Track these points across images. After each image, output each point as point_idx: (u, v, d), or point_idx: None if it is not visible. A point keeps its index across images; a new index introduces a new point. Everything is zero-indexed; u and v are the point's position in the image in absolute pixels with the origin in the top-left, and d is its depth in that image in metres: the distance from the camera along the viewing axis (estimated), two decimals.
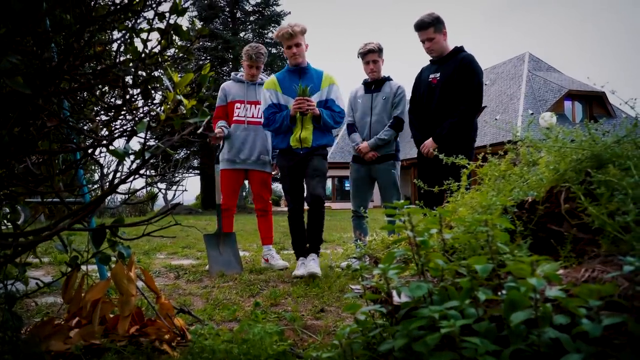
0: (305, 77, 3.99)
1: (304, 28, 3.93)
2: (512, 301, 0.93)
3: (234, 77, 4.72)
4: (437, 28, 3.92)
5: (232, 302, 3.00)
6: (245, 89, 4.60)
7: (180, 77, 1.74)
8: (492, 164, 1.74)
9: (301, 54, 3.94)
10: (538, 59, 26.44)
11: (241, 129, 4.54)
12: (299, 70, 4.01)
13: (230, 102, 4.59)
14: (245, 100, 4.58)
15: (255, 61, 4.52)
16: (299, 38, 3.89)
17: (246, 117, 4.55)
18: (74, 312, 1.85)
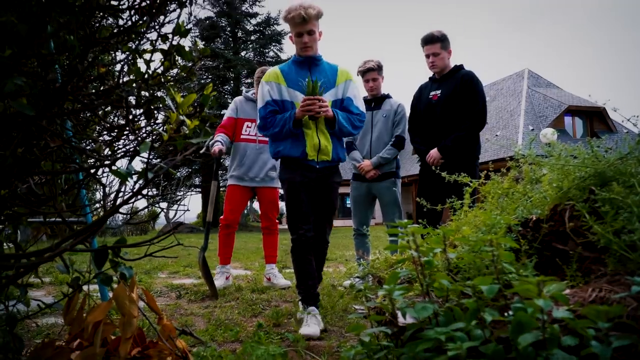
0: (316, 70, 3.14)
1: (320, 11, 3.07)
2: (520, 322, 0.92)
3: (245, 94, 4.72)
4: (444, 45, 3.98)
5: (235, 322, 2.97)
6: (256, 108, 4.63)
7: (182, 98, 1.75)
8: (494, 182, 1.74)
9: (313, 43, 3.09)
10: (537, 75, 26.57)
11: (251, 147, 4.55)
12: (308, 60, 3.13)
13: (240, 119, 4.59)
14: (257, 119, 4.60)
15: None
16: (313, 24, 3.04)
17: (257, 136, 4.56)
18: (75, 334, 1.83)
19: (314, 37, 3.08)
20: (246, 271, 5.77)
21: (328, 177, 3.10)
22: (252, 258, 7.34)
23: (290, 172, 3.07)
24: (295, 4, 3.04)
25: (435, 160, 3.89)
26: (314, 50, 3.12)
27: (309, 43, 3.06)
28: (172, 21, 1.71)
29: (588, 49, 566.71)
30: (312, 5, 3.03)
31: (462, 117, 3.84)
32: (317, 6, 3.06)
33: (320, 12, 3.07)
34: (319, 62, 3.17)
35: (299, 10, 2.99)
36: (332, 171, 3.14)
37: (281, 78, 3.13)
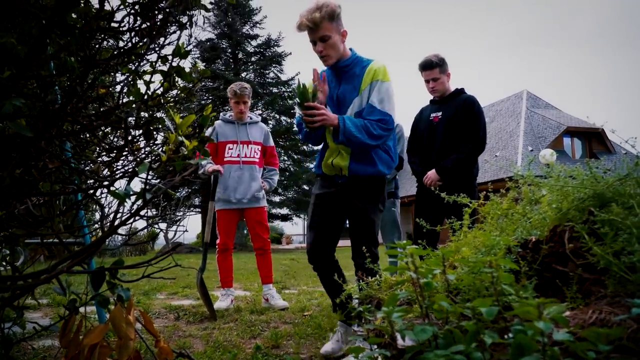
0: (346, 77, 2.79)
1: (332, 10, 2.60)
2: (520, 345, 0.91)
3: (223, 117, 4.76)
4: (442, 69, 4.02)
5: (233, 344, 2.94)
6: (236, 129, 4.65)
7: (182, 119, 1.75)
8: (494, 203, 1.74)
9: (331, 51, 2.68)
10: (536, 97, 26.76)
11: (235, 169, 4.57)
12: (334, 70, 2.81)
13: (221, 143, 4.61)
14: (238, 140, 4.62)
15: (240, 96, 4.56)
16: (325, 27, 2.60)
17: (240, 157, 4.58)
18: (71, 357, 1.81)
19: (330, 43, 2.64)
20: (245, 292, 5.73)
21: (352, 192, 2.77)
22: (252, 279, 7.29)
23: (315, 186, 2.97)
24: (305, 8, 2.65)
25: (432, 181, 3.90)
26: (336, 57, 2.72)
27: (325, 52, 2.67)
28: (172, 43, 1.73)
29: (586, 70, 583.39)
30: (320, 6, 2.59)
31: (462, 140, 3.87)
32: (329, 4, 2.60)
33: (332, 11, 2.59)
34: (348, 67, 2.76)
35: (302, 18, 2.63)
36: (359, 185, 2.76)
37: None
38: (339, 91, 2.77)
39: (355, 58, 2.78)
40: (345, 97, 2.75)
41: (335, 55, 2.70)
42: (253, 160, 4.64)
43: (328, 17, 2.58)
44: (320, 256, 2.80)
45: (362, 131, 2.57)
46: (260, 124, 4.83)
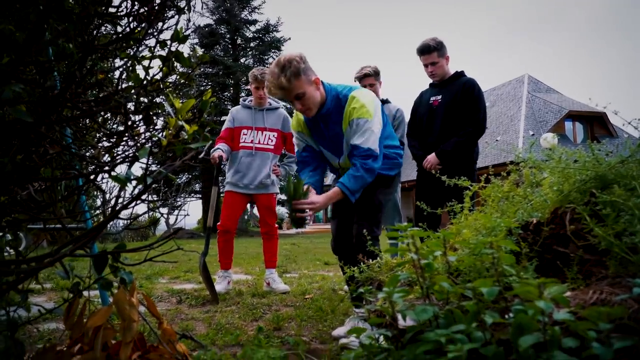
0: (329, 122, 2.76)
1: (297, 68, 2.52)
2: (520, 324, 0.91)
3: (242, 103, 4.77)
4: (441, 53, 3.99)
5: (235, 326, 2.97)
6: (252, 115, 4.65)
7: (181, 103, 1.75)
8: (495, 186, 1.74)
9: (310, 104, 2.63)
10: (537, 81, 26.62)
11: (247, 154, 4.57)
12: (320, 118, 2.76)
13: (237, 127, 4.63)
14: (253, 126, 4.62)
15: (261, 81, 4.55)
16: (296, 87, 2.55)
17: (253, 143, 4.58)
18: (76, 339, 1.83)
19: (305, 99, 2.60)
20: (247, 276, 5.76)
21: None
22: (253, 263, 7.33)
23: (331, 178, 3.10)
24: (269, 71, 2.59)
25: (432, 165, 3.90)
26: (316, 107, 2.67)
27: (304, 107, 2.64)
28: (171, 28, 1.72)
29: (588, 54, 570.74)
30: (282, 66, 2.52)
31: (461, 123, 3.86)
32: (291, 61, 2.52)
33: (296, 69, 2.51)
34: (329, 112, 2.72)
35: (269, 84, 2.59)
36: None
37: (304, 127, 2.91)
38: (330, 134, 2.79)
39: (332, 99, 2.71)
40: (337, 138, 2.79)
41: (315, 106, 2.67)
42: (267, 147, 4.64)
43: (295, 76, 2.52)
44: (345, 245, 2.87)
45: (362, 176, 2.62)
46: (279, 110, 4.80)
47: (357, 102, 2.63)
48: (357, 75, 4.49)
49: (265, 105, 4.70)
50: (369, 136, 2.61)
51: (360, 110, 2.61)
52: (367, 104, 2.63)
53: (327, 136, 2.80)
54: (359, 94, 2.68)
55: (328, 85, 2.75)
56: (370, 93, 2.78)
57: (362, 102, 2.63)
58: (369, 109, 2.62)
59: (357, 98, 2.65)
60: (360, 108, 2.62)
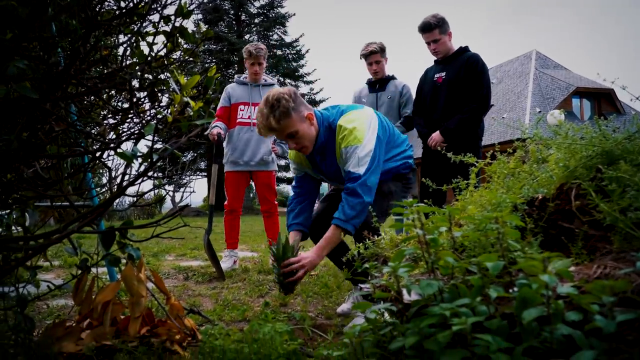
0: (326, 156, 2.67)
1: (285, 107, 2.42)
2: (524, 298, 0.92)
3: (237, 79, 4.72)
4: (442, 29, 3.94)
5: (242, 302, 3.00)
6: (249, 91, 4.61)
7: (186, 80, 1.74)
8: (500, 162, 1.73)
9: (304, 141, 2.54)
10: (545, 57, 26.32)
11: (245, 130, 4.55)
12: (315, 152, 2.66)
13: (234, 104, 4.58)
14: (250, 102, 4.58)
15: (256, 57, 4.51)
16: (287, 126, 2.45)
17: (251, 118, 4.55)
18: (85, 314, 1.86)
19: (298, 137, 2.51)
20: (252, 253, 5.81)
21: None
22: (259, 240, 7.38)
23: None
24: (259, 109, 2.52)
25: (437, 143, 3.89)
26: (312, 143, 2.58)
27: (298, 146, 2.55)
28: (174, 3, 1.70)
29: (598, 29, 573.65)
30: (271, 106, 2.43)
31: (466, 99, 3.82)
32: (280, 99, 2.42)
33: (285, 108, 2.41)
34: (324, 146, 2.63)
35: (259, 125, 2.51)
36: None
37: (304, 159, 2.79)
38: (328, 168, 2.69)
39: (325, 130, 2.61)
40: (334, 168, 2.68)
41: (310, 143, 2.57)
42: None
43: (284, 116, 2.42)
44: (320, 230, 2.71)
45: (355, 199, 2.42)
46: (275, 87, 4.78)
47: (345, 130, 2.52)
48: (363, 53, 4.45)
49: (260, 81, 4.66)
50: (359, 161, 2.46)
51: (347, 138, 2.50)
52: (354, 129, 2.50)
53: (325, 170, 2.71)
54: (345, 121, 2.56)
55: (320, 114, 2.65)
56: (359, 114, 2.62)
57: (349, 128, 2.51)
58: (356, 134, 2.49)
59: (344, 126, 2.53)
60: (347, 135, 2.50)
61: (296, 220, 2.76)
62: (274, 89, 2.55)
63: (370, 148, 2.47)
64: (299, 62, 28.92)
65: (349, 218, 2.40)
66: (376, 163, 2.48)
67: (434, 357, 1.00)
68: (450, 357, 0.93)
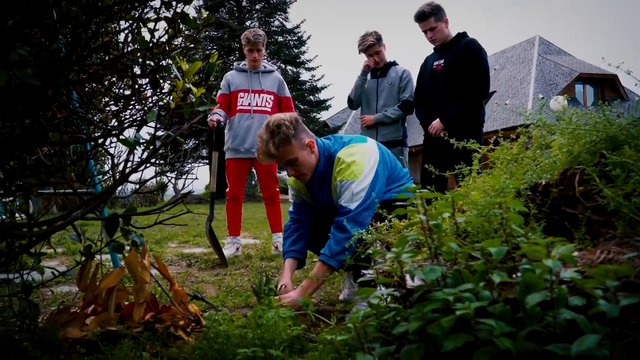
0: (324, 185, 2.64)
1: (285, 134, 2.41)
2: (527, 283, 0.92)
3: (236, 66, 4.70)
4: (438, 17, 3.92)
5: (245, 289, 3.02)
6: (249, 78, 4.59)
7: (188, 66, 1.74)
8: (504, 148, 1.73)
9: (303, 169, 2.53)
10: (548, 42, 26.13)
11: (245, 117, 4.54)
12: (314, 180, 2.64)
13: (233, 92, 4.58)
14: (250, 89, 4.57)
15: (254, 43, 4.48)
16: (286, 153, 2.45)
17: (251, 105, 4.54)
18: (89, 300, 1.87)
19: (297, 164, 2.49)
20: (255, 240, 5.82)
21: None
22: (261, 227, 7.40)
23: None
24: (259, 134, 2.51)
25: (437, 131, 3.88)
26: (311, 172, 2.56)
27: (297, 173, 2.54)
28: None
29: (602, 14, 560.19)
30: (272, 131, 2.41)
31: (465, 86, 3.81)
32: (280, 125, 2.41)
33: (285, 135, 2.39)
34: (323, 178, 2.60)
35: (259, 151, 2.50)
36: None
37: (302, 187, 2.75)
38: (324, 198, 2.65)
39: (325, 160, 2.57)
40: (331, 199, 2.62)
41: (309, 171, 2.55)
42: (264, 110, 4.60)
43: (284, 143, 2.40)
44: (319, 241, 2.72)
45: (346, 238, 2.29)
46: (275, 74, 4.74)
47: (343, 164, 2.47)
48: (361, 49, 4.43)
49: (260, 67, 4.64)
50: (352, 197, 2.41)
51: (344, 172, 2.45)
52: (352, 164, 2.45)
53: (321, 199, 2.67)
54: (344, 154, 2.51)
55: (322, 143, 2.62)
56: (360, 148, 2.56)
57: (347, 162, 2.47)
58: (354, 169, 2.43)
59: (342, 159, 2.49)
60: (344, 169, 2.45)
61: (292, 248, 2.71)
62: (276, 115, 2.52)
63: (366, 184, 2.41)
64: (300, 49, 28.75)
65: (333, 254, 2.36)
66: (370, 200, 2.39)
67: (437, 341, 1.00)
68: (454, 341, 0.94)
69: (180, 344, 1.79)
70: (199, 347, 1.52)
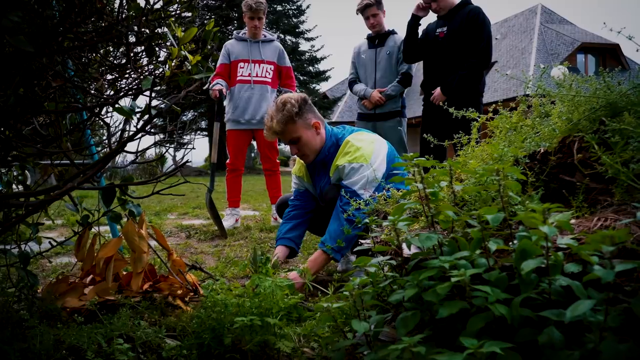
0: (326, 172, 2.61)
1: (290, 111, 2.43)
2: (524, 250, 0.92)
3: (236, 35, 4.63)
4: None
5: (243, 259, 3.03)
6: (249, 47, 4.53)
7: (183, 32, 1.70)
8: (503, 116, 1.71)
9: (306, 149, 2.52)
10: (551, 11, 25.74)
11: (246, 88, 4.49)
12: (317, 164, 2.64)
13: (233, 62, 4.51)
14: (250, 59, 4.50)
15: (255, 11, 4.40)
16: (290, 131, 2.47)
17: (251, 76, 4.49)
18: (87, 270, 1.88)
19: (300, 144, 2.49)
20: (254, 212, 5.84)
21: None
22: (260, 199, 7.42)
23: None
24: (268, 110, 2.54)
25: (438, 101, 3.85)
26: (314, 153, 2.55)
27: (300, 152, 2.54)
28: None
29: None
30: (279, 109, 2.44)
31: (467, 54, 3.76)
32: (286, 104, 2.43)
33: (289, 112, 2.42)
34: (326, 159, 2.56)
35: (266, 126, 2.53)
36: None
37: (306, 174, 2.74)
38: (323, 185, 2.62)
39: (331, 146, 2.55)
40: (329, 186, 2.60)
41: (312, 152, 2.53)
42: (265, 80, 4.54)
43: (288, 120, 2.41)
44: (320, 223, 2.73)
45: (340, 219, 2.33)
46: (275, 43, 4.66)
47: (352, 147, 2.43)
48: (359, 7, 4.34)
49: (260, 37, 4.56)
50: (359, 179, 2.36)
51: (354, 154, 2.40)
52: (362, 148, 2.41)
53: (320, 184, 2.65)
54: (354, 138, 2.49)
55: (330, 129, 2.60)
56: (369, 137, 2.55)
57: (356, 146, 2.43)
58: (364, 153, 2.39)
59: (352, 142, 2.45)
60: (354, 152, 2.41)
61: (286, 235, 2.66)
62: (286, 94, 2.50)
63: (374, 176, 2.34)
64: (299, 18, 28.35)
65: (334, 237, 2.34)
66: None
67: (432, 308, 1.01)
68: (449, 308, 0.94)
69: (178, 313, 1.80)
70: (197, 315, 1.53)
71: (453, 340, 0.95)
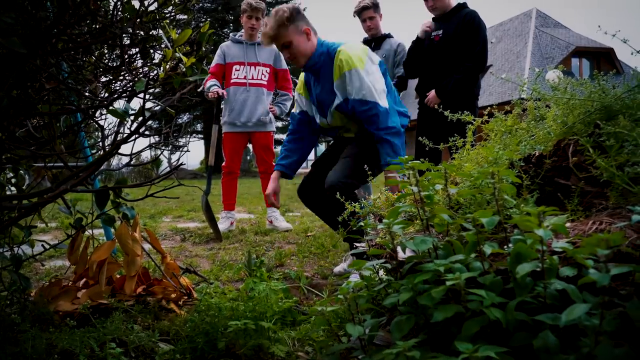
0: (320, 78, 2.73)
1: (282, 17, 2.57)
2: (519, 253, 0.92)
3: (232, 37, 4.62)
4: None
5: (238, 262, 3.02)
6: (244, 50, 4.52)
7: (178, 34, 1.70)
8: (498, 120, 1.71)
9: (297, 54, 2.64)
10: (546, 15, 25.87)
11: (241, 91, 4.48)
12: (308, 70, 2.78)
13: (228, 64, 4.50)
14: (245, 61, 4.49)
15: (255, 9, 4.38)
16: (282, 36, 2.59)
17: (247, 79, 4.48)
18: (80, 273, 1.87)
19: (291, 48, 2.62)
20: (249, 215, 5.83)
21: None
22: (256, 202, 7.40)
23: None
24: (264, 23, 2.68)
25: (433, 103, 3.85)
26: (304, 58, 2.67)
27: (291, 57, 2.68)
28: None
29: None
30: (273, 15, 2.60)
31: (462, 57, 3.76)
32: (279, 10, 2.60)
33: (281, 18, 2.56)
34: (317, 65, 2.69)
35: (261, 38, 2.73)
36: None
37: (304, 89, 2.90)
38: (318, 94, 2.75)
39: (321, 53, 2.68)
40: (324, 99, 2.74)
41: (303, 57, 2.67)
42: (260, 83, 4.53)
43: (281, 25, 2.58)
44: (309, 193, 2.85)
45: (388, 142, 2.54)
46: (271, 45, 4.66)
47: (345, 54, 2.56)
48: (356, 10, 4.34)
49: (256, 39, 4.55)
50: (365, 85, 2.52)
51: (349, 61, 2.54)
52: (355, 55, 2.57)
53: (315, 92, 2.77)
54: (347, 47, 2.63)
55: (321, 40, 2.74)
56: (360, 45, 2.72)
57: (350, 53, 2.56)
58: (357, 58, 2.56)
59: (345, 50, 2.58)
60: (349, 59, 2.54)
61: (281, 162, 2.93)
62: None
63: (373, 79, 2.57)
64: None
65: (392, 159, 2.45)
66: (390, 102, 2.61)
67: (427, 312, 1.00)
68: (444, 312, 0.94)
69: (172, 316, 1.79)
70: (191, 319, 1.52)
71: (448, 344, 0.94)
